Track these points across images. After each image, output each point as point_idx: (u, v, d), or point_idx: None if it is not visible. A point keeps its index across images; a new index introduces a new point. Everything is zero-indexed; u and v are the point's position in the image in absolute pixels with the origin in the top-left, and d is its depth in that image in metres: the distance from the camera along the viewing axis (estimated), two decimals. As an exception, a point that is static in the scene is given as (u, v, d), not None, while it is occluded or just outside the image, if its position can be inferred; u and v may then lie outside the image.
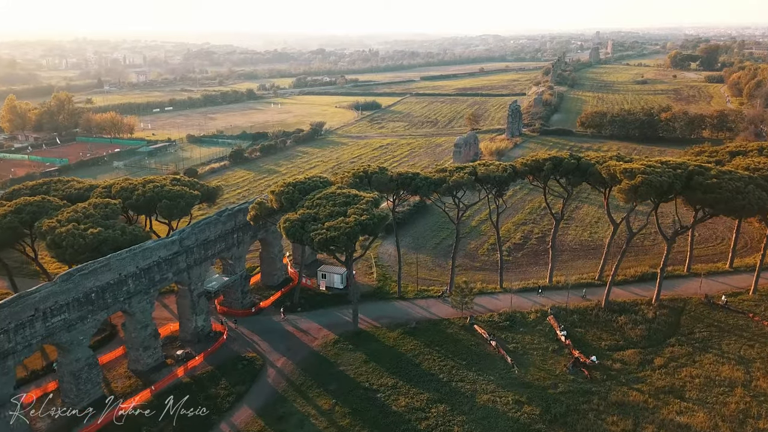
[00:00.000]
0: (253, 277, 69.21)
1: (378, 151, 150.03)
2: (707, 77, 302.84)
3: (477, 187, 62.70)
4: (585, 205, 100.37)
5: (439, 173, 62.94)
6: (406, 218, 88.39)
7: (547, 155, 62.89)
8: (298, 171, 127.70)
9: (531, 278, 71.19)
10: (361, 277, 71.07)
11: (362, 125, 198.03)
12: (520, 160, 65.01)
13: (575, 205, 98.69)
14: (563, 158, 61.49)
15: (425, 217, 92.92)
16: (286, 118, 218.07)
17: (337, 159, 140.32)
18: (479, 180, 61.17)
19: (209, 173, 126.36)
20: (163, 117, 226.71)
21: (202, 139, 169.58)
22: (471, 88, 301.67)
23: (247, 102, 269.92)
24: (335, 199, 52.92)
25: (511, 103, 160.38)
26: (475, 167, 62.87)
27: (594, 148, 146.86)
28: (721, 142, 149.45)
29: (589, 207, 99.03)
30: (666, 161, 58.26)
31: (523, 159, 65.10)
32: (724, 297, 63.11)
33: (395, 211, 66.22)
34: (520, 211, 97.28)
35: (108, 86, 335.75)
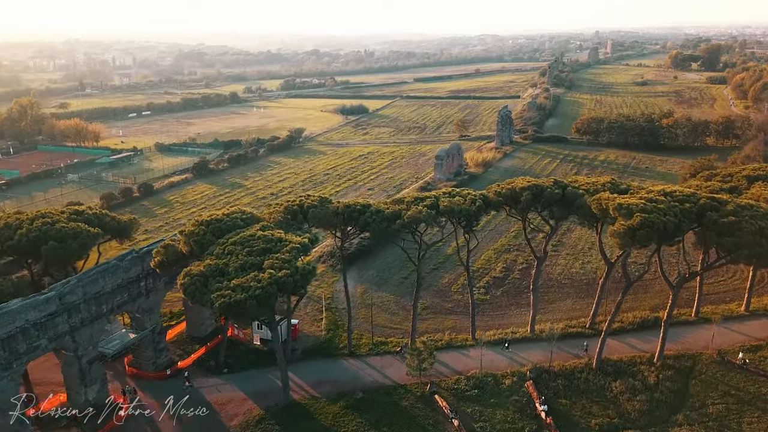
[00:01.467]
0: (177, 326, 58.13)
1: (357, 161, 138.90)
2: (709, 78, 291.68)
3: (440, 222, 51.56)
4: (577, 227, 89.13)
5: (395, 205, 51.72)
6: (370, 247, 77.09)
7: (526, 183, 51.63)
8: (265, 185, 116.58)
9: (511, 324, 60.07)
10: (307, 325, 59.95)
11: (345, 131, 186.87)
12: (494, 188, 53.82)
13: (566, 227, 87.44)
14: (545, 187, 50.31)
15: (393, 246, 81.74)
16: (267, 124, 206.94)
17: (311, 170, 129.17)
18: (442, 213, 50.01)
19: (167, 188, 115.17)
20: (138, 122, 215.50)
21: (170, 147, 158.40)
22: (464, 90, 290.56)
23: (230, 106, 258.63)
24: (253, 244, 41.75)
25: (501, 109, 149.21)
26: (438, 198, 51.68)
27: (590, 157, 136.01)
28: (727, 151, 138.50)
29: (581, 230, 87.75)
30: (671, 191, 47.07)
31: (498, 186, 53.92)
32: (741, 354, 52.00)
33: (343, 249, 54.87)
34: (503, 234, 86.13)
35: (90, 89, 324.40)
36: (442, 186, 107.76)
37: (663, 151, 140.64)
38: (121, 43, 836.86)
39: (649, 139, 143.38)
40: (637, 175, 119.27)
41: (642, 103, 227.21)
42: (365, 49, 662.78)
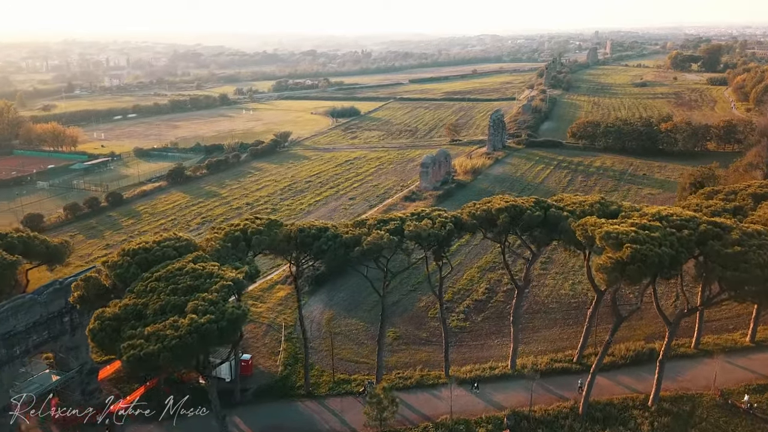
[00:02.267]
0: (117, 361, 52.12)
1: (342, 167, 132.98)
2: (709, 79, 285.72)
3: (406, 248, 45.57)
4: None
5: (356, 229, 45.80)
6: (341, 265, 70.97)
7: (504, 203, 45.59)
8: (242, 193, 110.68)
9: (491, 356, 54.14)
10: (264, 359, 54.02)
11: (334, 135, 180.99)
12: (469, 209, 47.79)
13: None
14: (525, 208, 44.33)
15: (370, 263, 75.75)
16: (254, 127, 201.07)
17: (293, 177, 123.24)
18: (408, 239, 44.08)
19: (138, 197, 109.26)
20: (123, 125, 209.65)
21: (150, 152, 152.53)
22: (460, 92, 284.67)
23: (219, 108, 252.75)
24: (179, 280, 35.82)
25: (493, 113, 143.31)
26: (404, 221, 45.76)
27: (585, 163, 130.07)
28: (728, 156, 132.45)
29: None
30: (667, 215, 41.14)
31: (474, 207, 47.85)
32: (747, 396, 46.12)
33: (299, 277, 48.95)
34: (489, 249, 79.97)
35: (79, 90, 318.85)
36: (427, 195, 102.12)
37: (661, 156, 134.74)
38: (117, 44, 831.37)
39: (647, 144, 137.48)
40: (634, 183, 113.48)
41: (641, 105, 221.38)
42: (362, 50, 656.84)
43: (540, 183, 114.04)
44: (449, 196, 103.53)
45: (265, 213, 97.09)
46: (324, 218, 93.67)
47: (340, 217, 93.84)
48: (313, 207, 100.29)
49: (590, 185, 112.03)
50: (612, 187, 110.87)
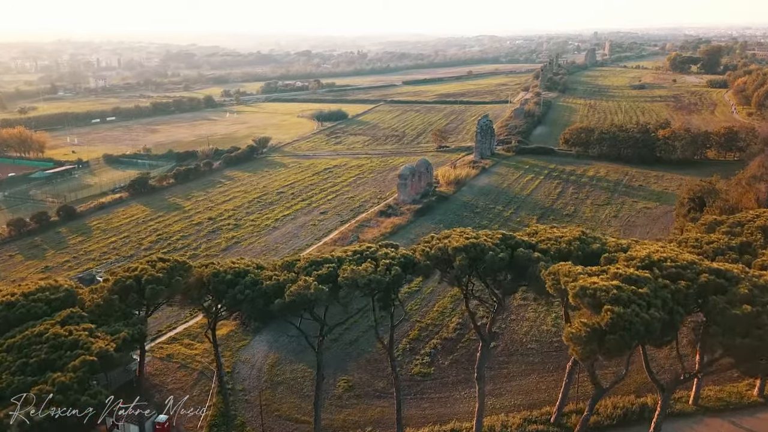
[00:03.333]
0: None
1: (319, 175, 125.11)
2: (709, 82, 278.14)
3: (344, 296, 37.64)
4: (555, 265, 75.32)
5: (281, 273, 37.93)
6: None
7: (463, 241, 37.56)
8: (207, 206, 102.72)
9: (456, 413, 46.28)
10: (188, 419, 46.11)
11: (317, 140, 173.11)
12: (423, 246, 39.93)
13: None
14: (487, 248, 36.41)
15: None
16: (236, 131, 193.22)
17: (265, 187, 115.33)
18: (342, 287, 36.16)
19: (95, 210, 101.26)
20: (100, 129, 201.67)
21: (120, 159, 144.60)
22: (453, 94, 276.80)
23: (204, 110, 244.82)
24: (33, 352, 27.96)
25: (481, 119, 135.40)
26: (341, 262, 37.83)
27: (578, 173, 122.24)
28: (730, 165, 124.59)
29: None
30: (660, 261, 33.26)
31: (428, 244, 39.95)
32: (756, 473, 38.41)
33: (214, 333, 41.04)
34: (466, 275, 72.17)
35: (63, 91, 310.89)
36: (405, 209, 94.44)
37: (659, 165, 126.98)
38: (111, 44, 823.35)
39: (644, 151, 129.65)
40: (629, 195, 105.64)
41: (638, 108, 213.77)
42: (358, 50, 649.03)
43: (528, 195, 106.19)
44: (428, 210, 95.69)
45: (227, 229, 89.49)
46: (290, 236, 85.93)
47: (306, 235, 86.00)
48: (279, 223, 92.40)
49: (581, 198, 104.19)
50: (605, 200, 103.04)
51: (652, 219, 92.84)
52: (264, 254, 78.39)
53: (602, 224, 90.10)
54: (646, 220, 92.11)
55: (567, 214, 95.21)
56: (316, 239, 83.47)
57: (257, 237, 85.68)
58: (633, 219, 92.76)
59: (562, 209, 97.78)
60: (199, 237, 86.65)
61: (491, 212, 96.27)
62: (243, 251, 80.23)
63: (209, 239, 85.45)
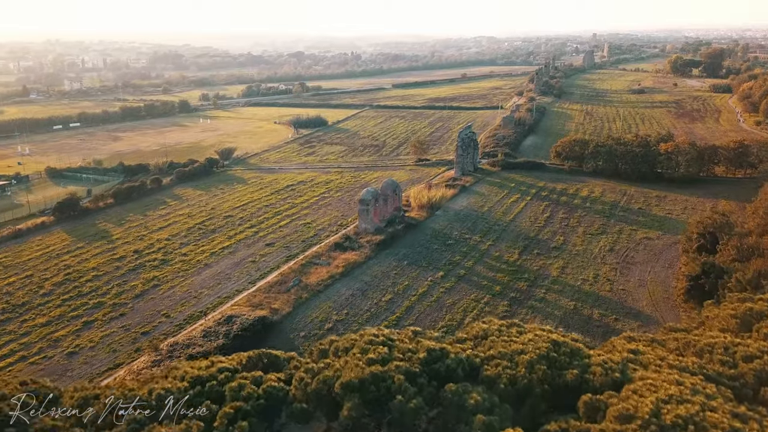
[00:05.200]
0: None
1: (280, 194, 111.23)
2: (712, 86, 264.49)
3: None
4: (538, 315, 61.12)
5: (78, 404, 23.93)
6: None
7: (360, 372, 23.55)
8: (139, 235, 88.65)
9: None
10: None
11: (289, 150, 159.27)
12: (303, 375, 25.89)
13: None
14: (397, 386, 22.45)
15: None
16: (204, 139, 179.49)
17: (213, 209, 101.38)
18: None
19: (8, 238, 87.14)
20: (59, 136, 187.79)
21: (64, 173, 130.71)
22: (443, 99, 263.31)
23: (177, 116, 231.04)
24: None
25: (462, 130, 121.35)
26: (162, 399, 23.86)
27: (570, 192, 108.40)
28: (740, 185, 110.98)
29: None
30: (676, 425, 19.44)
31: (312, 374, 25.88)
32: None
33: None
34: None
35: (35, 94, 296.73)
36: (365, 240, 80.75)
37: (660, 183, 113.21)
38: (103, 44, 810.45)
39: (644, 167, 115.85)
40: (627, 222, 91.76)
41: (638, 115, 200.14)
42: (352, 51, 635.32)
43: (511, 221, 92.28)
44: (393, 242, 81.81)
45: (150, 267, 75.56)
46: (221, 277, 71.98)
47: (241, 276, 72.04)
48: (215, 258, 78.39)
49: (572, 225, 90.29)
50: (599, 227, 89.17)
51: (654, 253, 78.99)
52: (182, 304, 64.48)
53: (595, 261, 76.29)
54: (647, 255, 78.25)
55: (554, 246, 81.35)
56: (251, 282, 69.54)
57: (182, 278, 71.73)
58: (632, 254, 78.90)
59: (549, 240, 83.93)
60: (116, 277, 72.71)
61: (466, 244, 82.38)
62: (159, 298, 66.30)
63: (125, 280, 71.49)
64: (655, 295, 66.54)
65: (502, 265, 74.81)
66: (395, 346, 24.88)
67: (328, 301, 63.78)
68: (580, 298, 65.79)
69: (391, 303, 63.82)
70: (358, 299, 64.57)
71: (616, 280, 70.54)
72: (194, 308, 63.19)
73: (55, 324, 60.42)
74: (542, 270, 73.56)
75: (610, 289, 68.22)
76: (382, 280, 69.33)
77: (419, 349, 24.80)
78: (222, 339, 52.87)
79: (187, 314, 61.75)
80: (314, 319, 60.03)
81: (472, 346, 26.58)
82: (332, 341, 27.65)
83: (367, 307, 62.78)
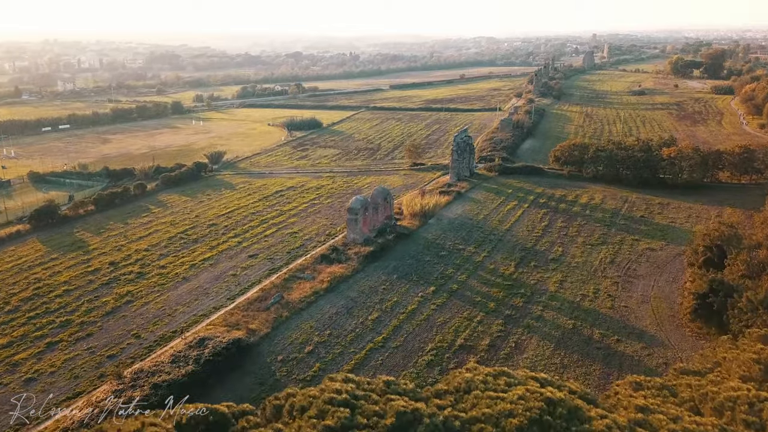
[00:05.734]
0: None
1: (268, 200, 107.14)
2: (714, 88, 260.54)
3: None
4: (534, 336, 56.92)
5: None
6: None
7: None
8: (117, 245, 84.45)
9: None
10: None
11: (281, 153, 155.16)
12: None
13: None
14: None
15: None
16: (195, 142, 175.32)
17: (197, 217, 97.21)
18: None
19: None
20: (47, 139, 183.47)
21: (46, 177, 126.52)
22: (441, 100, 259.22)
23: (169, 117, 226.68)
24: None
25: (457, 134, 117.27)
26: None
27: (569, 198, 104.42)
28: (746, 191, 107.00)
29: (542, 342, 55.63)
30: None
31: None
32: None
33: None
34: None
35: (28, 95, 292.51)
36: (353, 252, 76.90)
37: (663, 189, 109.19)
38: (101, 44, 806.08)
39: (646, 173, 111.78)
40: (629, 231, 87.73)
41: (638, 117, 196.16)
42: (351, 52, 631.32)
43: (507, 230, 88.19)
44: (383, 253, 77.70)
45: (126, 281, 71.50)
46: (199, 292, 67.86)
47: (219, 291, 67.87)
48: (194, 270, 74.26)
49: (571, 234, 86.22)
50: (599, 237, 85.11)
51: (657, 266, 74.93)
52: (155, 323, 60.33)
53: (595, 274, 72.23)
54: (651, 268, 74.19)
55: (552, 258, 77.27)
56: (229, 299, 65.38)
57: (158, 293, 67.60)
58: (634, 266, 74.85)
59: (547, 251, 79.84)
60: (87, 292, 68.53)
61: (460, 255, 78.30)
62: (131, 316, 62.14)
63: (97, 296, 67.33)
64: (660, 313, 62.50)
65: (497, 279, 70.77)
66: (359, 406, 20.95)
67: (311, 320, 59.70)
68: (580, 316, 61.76)
69: (378, 322, 59.74)
70: (343, 318, 60.48)
71: (618, 296, 66.51)
72: (167, 327, 59.07)
73: (17, 345, 56.24)
74: (539, 284, 69.53)
75: (612, 305, 64.18)
76: (370, 296, 65.25)
77: (388, 411, 20.84)
78: (192, 365, 48.74)
79: (159, 334, 57.62)
80: (294, 340, 55.95)
81: (452, 402, 22.62)
82: (289, 395, 23.60)
83: (352, 326, 58.70)
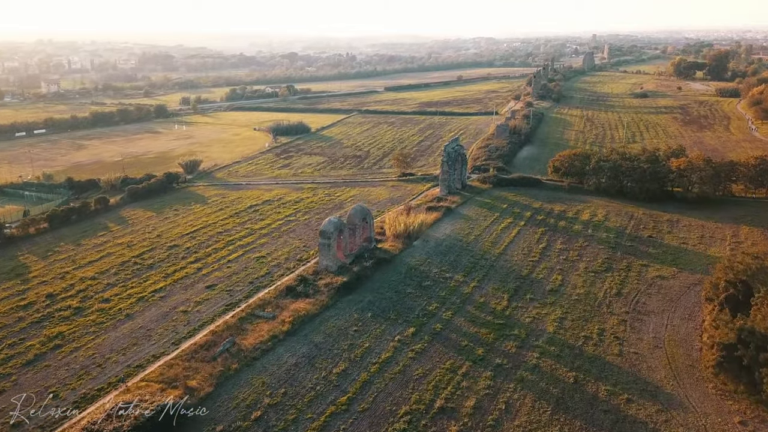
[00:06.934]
0: None
1: (240, 216, 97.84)
2: (718, 90, 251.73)
3: None
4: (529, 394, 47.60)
5: None
6: None
7: None
8: (62, 271, 74.93)
9: None
10: None
11: (263, 161, 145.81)
12: None
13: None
14: None
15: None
16: (174, 148, 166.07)
17: (159, 237, 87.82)
18: None
19: None
20: (19, 145, 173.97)
21: (5, 189, 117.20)
22: (437, 103, 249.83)
23: (152, 121, 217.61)
24: None
25: (448, 143, 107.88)
26: None
27: (569, 215, 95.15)
28: (762, 206, 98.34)
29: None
30: None
31: None
32: None
33: None
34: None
35: (10, 97, 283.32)
36: (324, 283, 67.66)
37: (671, 203, 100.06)
38: (95, 44, 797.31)
39: (653, 186, 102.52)
40: (636, 254, 78.38)
41: (642, 122, 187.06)
42: (347, 53, 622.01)
43: (501, 254, 78.85)
44: (358, 283, 68.29)
45: (61, 317, 62.08)
46: (139, 335, 58.43)
47: (163, 334, 58.30)
48: (141, 305, 64.90)
49: (572, 259, 76.89)
50: (603, 262, 75.76)
51: (670, 299, 65.67)
52: (80, 376, 50.97)
53: (600, 309, 62.96)
54: (662, 302, 64.92)
55: (551, 289, 68.01)
56: (174, 343, 56.06)
57: (93, 335, 58.28)
58: (643, 299, 65.60)
59: (545, 280, 70.59)
60: (12, 333, 59.24)
61: (446, 285, 69.02)
62: (55, 367, 52.81)
63: (23, 338, 58.03)
64: (676, 362, 53.26)
65: (487, 317, 61.52)
66: None
67: (264, 374, 50.40)
68: (583, 366, 52.54)
69: (344, 376, 50.45)
70: (303, 370, 51.19)
71: (627, 339, 57.28)
72: (92, 383, 49.76)
73: None
74: (536, 323, 60.31)
75: (619, 352, 54.94)
76: (337, 341, 55.96)
77: None
78: (105, 444, 39.44)
79: (81, 394, 48.31)
80: (240, 402, 46.66)
81: None
82: None
83: (312, 383, 49.40)
